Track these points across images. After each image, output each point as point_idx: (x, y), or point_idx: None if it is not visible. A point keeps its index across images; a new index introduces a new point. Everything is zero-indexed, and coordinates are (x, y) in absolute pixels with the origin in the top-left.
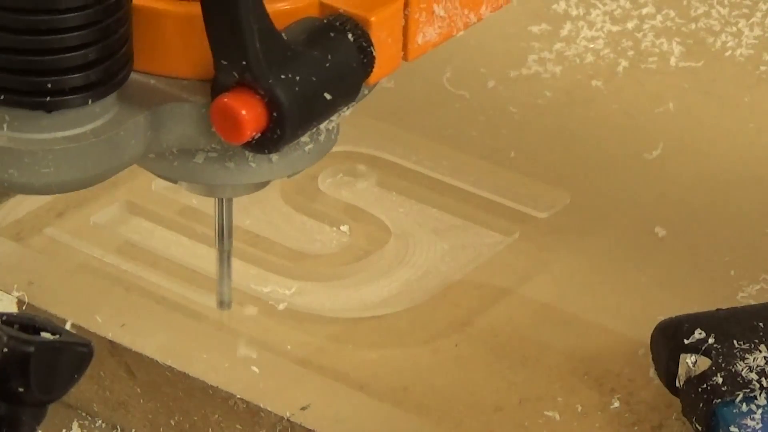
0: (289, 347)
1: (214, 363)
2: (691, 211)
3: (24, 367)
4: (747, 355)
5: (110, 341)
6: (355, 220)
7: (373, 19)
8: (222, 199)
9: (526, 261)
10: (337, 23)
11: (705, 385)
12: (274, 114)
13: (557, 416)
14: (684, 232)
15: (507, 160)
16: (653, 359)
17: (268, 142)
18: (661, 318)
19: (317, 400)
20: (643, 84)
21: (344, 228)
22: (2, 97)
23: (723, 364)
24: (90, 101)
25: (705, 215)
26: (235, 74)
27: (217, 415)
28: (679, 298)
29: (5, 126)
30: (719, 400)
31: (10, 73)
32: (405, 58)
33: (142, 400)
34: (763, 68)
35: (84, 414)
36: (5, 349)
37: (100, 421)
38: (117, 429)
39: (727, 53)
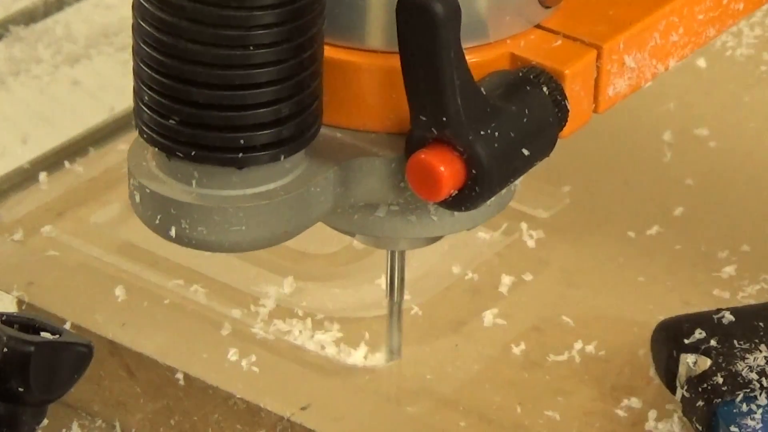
0: (289, 347)
1: (214, 363)
2: (692, 211)
3: (24, 367)
4: (747, 355)
5: (110, 341)
6: None
7: (567, 71)
8: (395, 252)
9: (526, 261)
10: (532, 76)
11: (705, 385)
12: (473, 171)
13: (557, 416)
14: (684, 232)
15: None
16: (653, 359)
17: (465, 199)
18: (661, 318)
19: (317, 400)
20: None
21: None
22: (193, 153)
23: (723, 364)
24: (281, 157)
25: (705, 215)
26: (434, 130)
27: (217, 415)
28: (679, 298)
29: (194, 182)
30: (719, 400)
31: (203, 129)
32: (596, 110)
33: (142, 400)
34: (763, 68)
35: (84, 414)
36: (5, 349)
37: (100, 421)
38: (117, 429)
39: (728, 53)
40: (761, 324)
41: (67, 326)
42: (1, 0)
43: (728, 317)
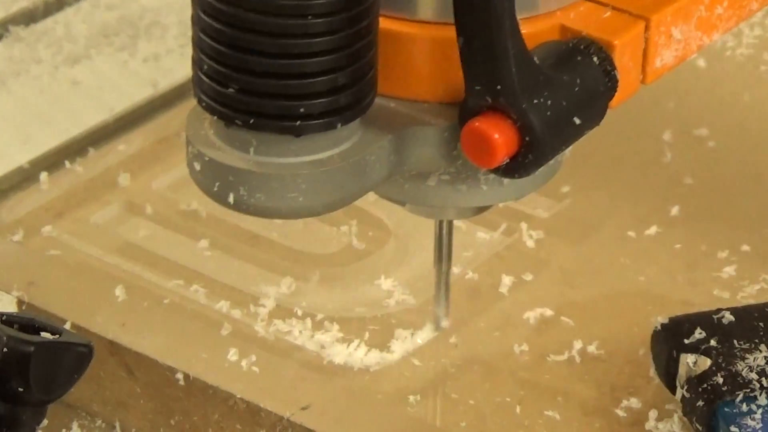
0: (289, 347)
1: (214, 363)
2: (692, 211)
3: (24, 367)
4: (747, 355)
5: (110, 341)
6: (355, 220)
7: (617, 42)
8: (443, 221)
9: (526, 261)
10: (582, 47)
11: (705, 385)
12: (527, 139)
13: (557, 416)
14: (684, 232)
15: None
16: (653, 359)
17: (518, 166)
18: (661, 318)
19: (317, 400)
20: None
21: (344, 228)
22: (252, 121)
23: (723, 364)
24: (338, 125)
25: (705, 215)
26: (488, 98)
27: (217, 415)
28: (679, 298)
29: (252, 150)
30: (719, 400)
31: (262, 97)
32: (643, 81)
33: (142, 400)
34: (763, 68)
35: (84, 414)
36: (5, 349)
37: (100, 421)
38: (117, 429)
39: (728, 53)
40: (761, 324)
41: (67, 326)
42: (1, 0)
43: (728, 317)
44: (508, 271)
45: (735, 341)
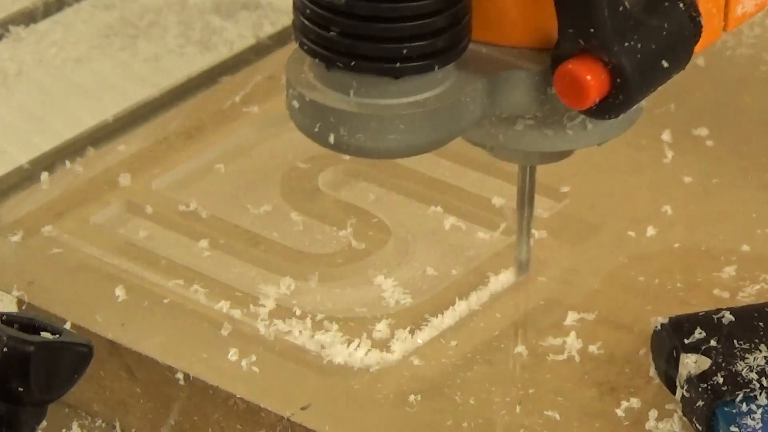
0: (289, 347)
1: (214, 363)
2: (691, 211)
3: (24, 367)
4: (747, 355)
5: (110, 341)
6: (355, 220)
7: None
8: (527, 168)
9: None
10: None
11: (705, 385)
12: (618, 80)
13: (557, 416)
14: (684, 232)
15: None
16: (653, 359)
17: (609, 107)
18: (661, 318)
19: (317, 400)
20: None
21: (344, 228)
22: (353, 63)
23: (723, 364)
24: (436, 68)
25: (705, 215)
26: (581, 42)
27: (217, 415)
28: (679, 298)
29: (352, 92)
30: (719, 400)
31: (363, 40)
32: (725, 28)
33: (142, 400)
34: (763, 68)
35: (84, 414)
36: (5, 349)
37: (100, 421)
38: (117, 429)
39: (728, 53)
40: (761, 324)
41: (67, 326)
42: (1, 0)
43: (728, 317)
44: (507, 270)
45: (735, 341)
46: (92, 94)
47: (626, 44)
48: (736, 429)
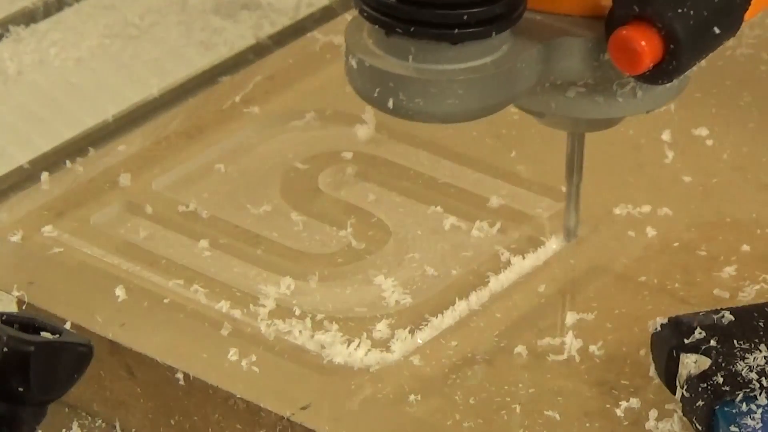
0: (289, 347)
1: (214, 363)
2: (690, 211)
3: (24, 367)
4: (747, 355)
5: (110, 341)
6: (355, 220)
7: None
8: (576, 136)
9: (526, 260)
10: None
11: (705, 385)
12: (671, 46)
13: (557, 416)
14: (683, 232)
15: (508, 160)
16: (653, 359)
17: (662, 73)
18: (661, 318)
19: (317, 400)
20: None
21: (344, 228)
22: (412, 29)
23: (723, 364)
24: (493, 34)
25: (705, 215)
26: (635, 8)
27: (217, 415)
28: (679, 298)
29: (410, 58)
30: (719, 400)
31: (421, 6)
32: None
33: (142, 400)
34: (763, 68)
35: (84, 414)
36: (5, 349)
37: (100, 421)
38: (117, 429)
39: (728, 53)
40: (761, 324)
41: (67, 326)
42: (1, 0)
43: (728, 317)
44: (507, 270)
45: (735, 341)
46: (92, 94)
47: (679, 10)
48: (736, 429)
